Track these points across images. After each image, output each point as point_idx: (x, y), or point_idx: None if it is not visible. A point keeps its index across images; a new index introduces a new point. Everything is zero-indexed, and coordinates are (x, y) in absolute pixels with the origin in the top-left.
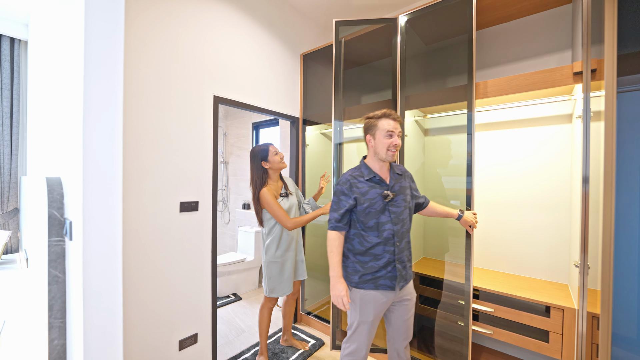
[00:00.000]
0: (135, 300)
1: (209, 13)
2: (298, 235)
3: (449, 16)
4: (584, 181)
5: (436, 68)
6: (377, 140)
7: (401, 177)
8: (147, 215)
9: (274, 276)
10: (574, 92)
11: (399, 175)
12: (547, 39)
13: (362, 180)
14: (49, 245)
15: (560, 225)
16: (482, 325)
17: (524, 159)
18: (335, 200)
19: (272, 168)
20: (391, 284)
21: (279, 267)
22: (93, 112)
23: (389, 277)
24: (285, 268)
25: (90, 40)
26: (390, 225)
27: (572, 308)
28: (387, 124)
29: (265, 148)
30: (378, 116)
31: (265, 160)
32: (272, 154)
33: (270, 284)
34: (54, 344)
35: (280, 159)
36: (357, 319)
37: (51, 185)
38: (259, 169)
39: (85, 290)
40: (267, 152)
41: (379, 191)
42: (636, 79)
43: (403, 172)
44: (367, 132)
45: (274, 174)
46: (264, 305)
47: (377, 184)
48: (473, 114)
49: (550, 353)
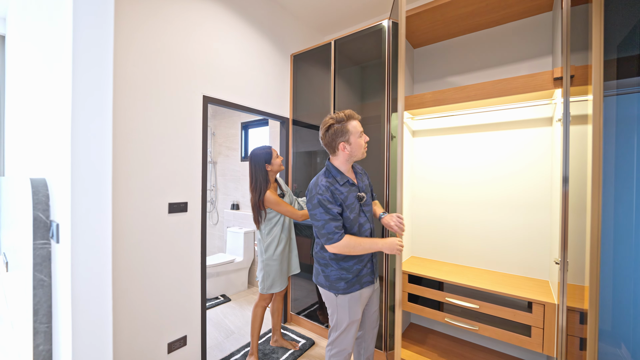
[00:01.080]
0: (122, 303)
1: (198, 12)
2: (292, 232)
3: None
4: (564, 181)
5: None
6: (354, 143)
7: (363, 175)
8: (135, 216)
9: (274, 273)
10: (554, 97)
11: (360, 173)
12: (530, 44)
13: (338, 186)
14: (34, 248)
15: (541, 224)
16: (468, 321)
17: (506, 160)
18: (322, 211)
19: (273, 170)
20: (371, 279)
21: (279, 264)
22: (81, 111)
23: (369, 273)
24: (283, 265)
25: (79, 37)
26: (368, 224)
27: (552, 303)
28: (357, 125)
29: (269, 151)
30: (345, 120)
31: (269, 162)
32: (274, 157)
33: (269, 281)
34: (39, 349)
35: (280, 162)
36: (347, 319)
37: (36, 187)
38: (262, 172)
39: (74, 294)
40: (271, 155)
41: (354, 194)
42: (613, 84)
43: (362, 170)
44: (340, 140)
45: (272, 175)
46: (258, 304)
47: (351, 186)
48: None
49: (532, 347)
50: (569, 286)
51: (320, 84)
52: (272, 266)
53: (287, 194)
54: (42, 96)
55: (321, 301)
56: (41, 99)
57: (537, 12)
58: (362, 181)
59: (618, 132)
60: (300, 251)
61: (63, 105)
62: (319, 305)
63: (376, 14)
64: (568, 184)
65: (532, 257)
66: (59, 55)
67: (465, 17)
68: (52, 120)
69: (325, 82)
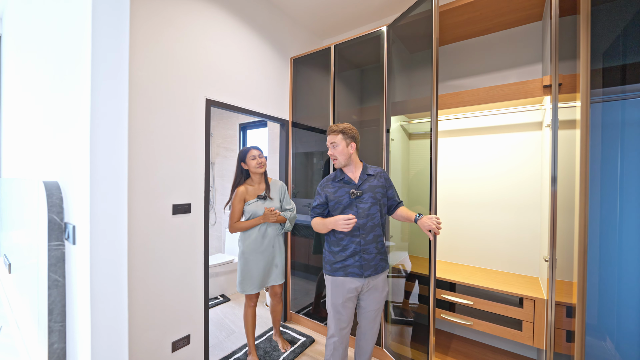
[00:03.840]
0: (129, 302)
1: (203, 18)
2: (276, 239)
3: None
4: (552, 182)
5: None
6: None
7: (373, 177)
8: (141, 217)
9: (239, 270)
10: (543, 103)
11: (370, 175)
12: (521, 52)
13: (330, 182)
14: (48, 249)
15: (531, 223)
16: (463, 317)
17: (498, 162)
18: (314, 200)
19: (251, 171)
20: (359, 272)
21: (244, 262)
22: (100, 119)
23: (357, 266)
24: (250, 267)
25: (98, 44)
26: (357, 219)
27: (542, 298)
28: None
29: (246, 150)
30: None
31: (243, 161)
32: (249, 157)
33: (239, 277)
34: (54, 347)
35: (256, 164)
36: (330, 300)
37: (50, 190)
38: (239, 169)
39: (93, 293)
40: (245, 154)
41: (347, 189)
42: (599, 92)
43: (377, 172)
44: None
45: (256, 176)
46: (245, 305)
47: (346, 183)
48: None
49: (523, 340)
50: (557, 282)
51: (319, 87)
52: (239, 263)
53: (277, 199)
54: (49, 100)
55: (318, 300)
56: (47, 102)
57: (528, 21)
58: (367, 182)
59: (604, 136)
60: (298, 252)
61: (80, 112)
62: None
63: (374, 19)
64: (557, 184)
65: (523, 255)
66: (73, 60)
67: (459, 25)
68: (66, 124)
69: (325, 86)
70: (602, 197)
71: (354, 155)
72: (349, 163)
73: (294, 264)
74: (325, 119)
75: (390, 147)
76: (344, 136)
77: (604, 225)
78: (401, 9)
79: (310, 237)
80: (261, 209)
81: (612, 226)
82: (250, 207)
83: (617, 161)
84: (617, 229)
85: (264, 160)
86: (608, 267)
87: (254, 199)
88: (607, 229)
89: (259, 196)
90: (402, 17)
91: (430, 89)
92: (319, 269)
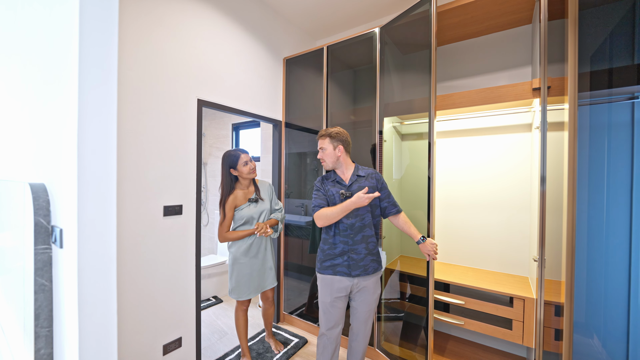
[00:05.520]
0: (119, 306)
1: (194, 17)
2: (266, 242)
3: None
4: (541, 182)
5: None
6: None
7: (363, 178)
8: (131, 219)
9: (233, 277)
10: (533, 105)
11: (360, 176)
12: (511, 54)
13: (326, 180)
14: (35, 253)
15: (522, 224)
16: (454, 316)
17: (489, 163)
18: (314, 195)
19: (242, 176)
20: (348, 271)
21: (238, 268)
22: (88, 116)
23: (346, 265)
24: (244, 272)
25: (86, 42)
26: (344, 219)
27: (531, 298)
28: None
29: (236, 155)
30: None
31: (234, 167)
32: (241, 164)
33: (232, 282)
34: (40, 353)
35: (249, 170)
36: (319, 301)
37: (36, 192)
38: (227, 176)
39: (81, 298)
40: (236, 160)
41: (338, 189)
42: (587, 95)
43: (368, 174)
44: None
45: (245, 180)
46: (237, 308)
47: (338, 183)
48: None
49: (513, 339)
50: (546, 282)
51: (312, 88)
52: (231, 269)
53: (267, 200)
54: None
55: (311, 301)
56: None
57: (518, 24)
58: (358, 182)
59: (591, 138)
60: (291, 252)
61: (68, 112)
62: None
63: (366, 20)
64: (545, 185)
65: (514, 255)
66: (60, 59)
67: (451, 27)
68: (53, 125)
69: (318, 86)
70: (589, 198)
71: (343, 158)
72: (337, 165)
73: (286, 264)
74: (318, 119)
75: (383, 148)
76: (331, 140)
77: (591, 226)
78: (394, 10)
79: (304, 238)
80: (254, 211)
81: (599, 226)
82: (243, 212)
83: (604, 162)
84: (603, 229)
85: (255, 164)
86: (595, 266)
87: (245, 204)
88: (594, 229)
89: (250, 199)
90: (398, 18)
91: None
92: (313, 269)
